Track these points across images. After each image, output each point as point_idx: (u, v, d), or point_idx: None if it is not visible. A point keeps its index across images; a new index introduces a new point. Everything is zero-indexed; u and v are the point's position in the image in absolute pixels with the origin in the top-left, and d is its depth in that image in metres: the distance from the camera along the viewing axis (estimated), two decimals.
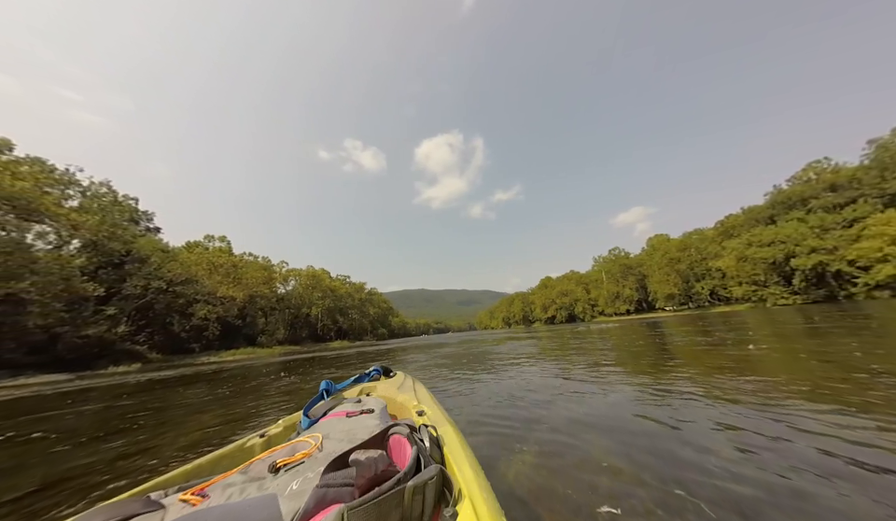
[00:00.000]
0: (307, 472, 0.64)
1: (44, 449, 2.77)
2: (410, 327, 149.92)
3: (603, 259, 73.18)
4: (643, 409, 2.38)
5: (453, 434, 0.82)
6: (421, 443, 0.68)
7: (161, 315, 32.63)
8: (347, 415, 1.01)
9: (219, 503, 0.57)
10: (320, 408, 1.19)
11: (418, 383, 1.64)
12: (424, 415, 1.07)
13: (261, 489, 0.61)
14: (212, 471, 0.88)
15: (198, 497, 0.60)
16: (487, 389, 3.56)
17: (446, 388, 3.81)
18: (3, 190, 16.80)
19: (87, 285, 21.81)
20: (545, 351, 7.13)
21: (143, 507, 0.56)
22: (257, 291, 39.73)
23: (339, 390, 1.51)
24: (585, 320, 67.01)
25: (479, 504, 0.50)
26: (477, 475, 0.60)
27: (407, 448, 0.65)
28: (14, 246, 17.14)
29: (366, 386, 1.66)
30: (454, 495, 0.55)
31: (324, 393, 1.40)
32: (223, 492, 0.61)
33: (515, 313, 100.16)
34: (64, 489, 1.86)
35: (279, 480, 0.63)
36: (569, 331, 15.87)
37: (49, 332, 22.20)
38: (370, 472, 0.54)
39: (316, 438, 0.81)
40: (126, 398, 5.86)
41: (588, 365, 4.66)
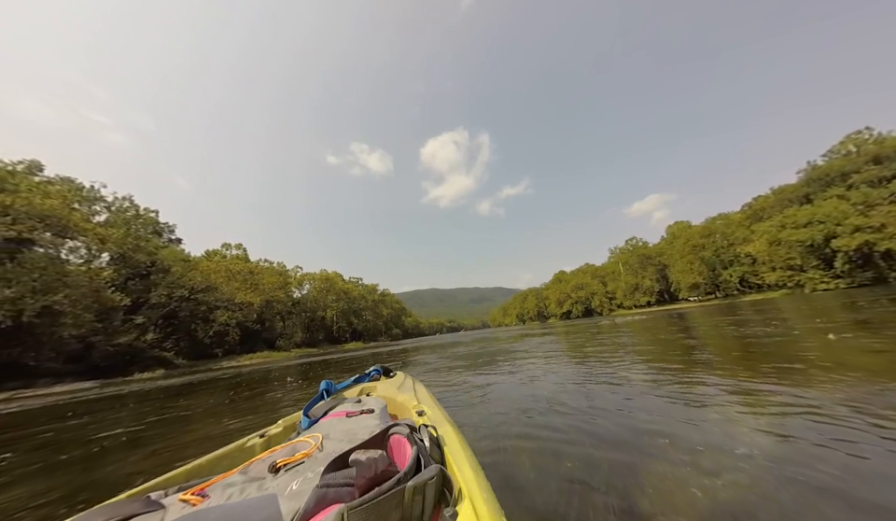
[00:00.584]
0: (307, 472, 0.64)
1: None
2: (423, 327, 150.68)
3: (619, 249, 70.52)
4: (759, 425, 1.76)
5: (453, 434, 0.81)
6: (421, 443, 0.67)
7: (185, 322, 34.06)
8: (347, 415, 1.00)
9: (219, 503, 0.57)
10: (320, 408, 1.19)
11: (418, 383, 1.62)
12: (424, 415, 1.05)
13: (261, 489, 0.61)
14: (212, 471, 0.88)
15: (198, 497, 0.60)
16: (518, 400, 3.07)
17: (462, 403, 3.11)
18: (34, 209, 17.77)
19: (115, 296, 22.88)
20: (570, 349, 6.53)
21: (143, 507, 0.56)
22: (273, 296, 40.77)
23: (339, 390, 1.51)
24: (603, 314, 64.86)
25: (479, 504, 0.50)
26: (477, 475, 0.60)
27: (407, 448, 0.65)
28: (48, 262, 18.15)
29: (366, 386, 1.66)
30: (454, 495, 0.55)
31: (324, 393, 1.39)
32: (223, 492, 0.61)
33: (529, 309, 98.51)
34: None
35: (279, 480, 0.63)
36: (590, 326, 15.00)
37: (85, 342, 23.54)
38: (370, 472, 0.55)
39: (316, 438, 0.80)
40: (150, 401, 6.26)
41: (633, 363, 4.05)
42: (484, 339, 15.19)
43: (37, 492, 2.02)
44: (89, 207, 26.54)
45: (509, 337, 14.29)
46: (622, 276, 66.44)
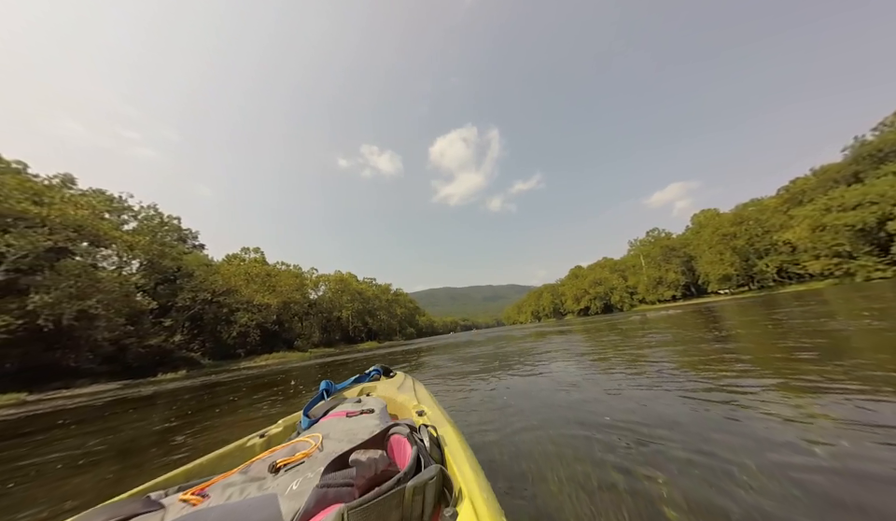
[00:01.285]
0: (307, 472, 0.64)
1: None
2: (437, 325, 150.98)
3: (640, 242, 67.32)
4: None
5: (453, 434, 0.81)
6: (421, 443, 0.67)
7: (209, 323, 35.57)
8: (347, 415, 1.00)
9: (219, 503, 0.58)
10: (320, 408, 1.19)
11: (418, 383, 1.61)
12: (424, 415, 1.05)
13: (261, 489, 0.61)
14: (212, 471, 0.88)
15: (198, 497, 0.60)
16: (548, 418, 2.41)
17: (481, 423, 2.35)
18: (67, 219, 18.87)
19: (143, 299, 24.02)
20: (608, 350, 5.75)
21: (143, 507, 0.57)
22: (290, 298, 41.83)
23: (339, 390, 1.50)
24: (624, 310, 62.09)
25: (479, 504, 0.50)
26: (477, 475, 0.59)
27: (407, 448, 0.65)
28: (82, 269, 19.21)
29: (366, 386, 1.65)
30: (454, 495, 0.54)
31: (324, 393, 1.39)
32: (223, 492, 0.61)
33: (545, 306, 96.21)
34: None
35: (279, 480, 0.63)
36: (618, 322, 13.99)
37: (118, 344, 24.95)
38: (370, 472, 0.56)
39: (316, 438, 0.81)
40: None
41: (714, 367, 3.25)
42: (500, 337, 14.55)
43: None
44: (118, 217, 28.10)
45: (526, 335, 13.58)
46: (643, 270, 63.30)
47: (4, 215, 17.34)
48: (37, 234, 18.05)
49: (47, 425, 5.51)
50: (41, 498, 2.04)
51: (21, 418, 7.19)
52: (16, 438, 4.61)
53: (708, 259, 48.87)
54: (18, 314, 17.72)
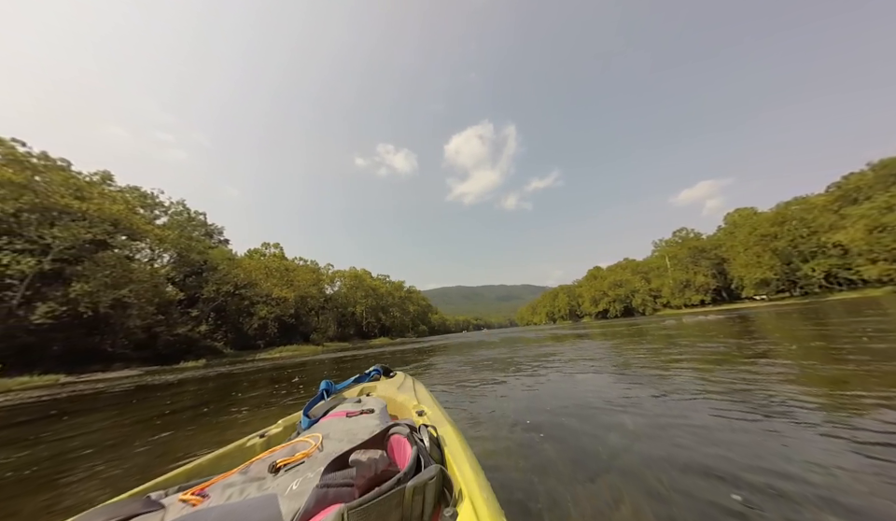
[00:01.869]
0: (307, 472, 0.64)
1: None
2: (449, 324, 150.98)
3: (666, 242, 63.61)
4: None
5: (453, 434, 0.81)
6: (421, 443, 0.67)
7: (232, 315, 37.20)
8: (347, 415, 1.00)
9: (219, 503, 0.58)
10: (320, 408, 1.19)
11: (418, 383, 1.61)
12: (424, 415, 1.05)
13: (261, 489, 0.61)
14: (212, 471, 0.88)
15: (198, 497, 0.60)
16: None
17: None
18: (104, 213, 20.11)
19: (171, 290, 25.31)
20: (642, 360, 5.04)
21: (143, 507, 0.57)
22: (306, 292, 42.96)
23: (339, 390, 1.50)
24: (646, 314, 59.00)
25: (479, 504, 0.50)
26: (477, 475, 0.60)
27: (407, 448, 0.65)
28: (117, 260, 20.45)
29: (366, 386, 1.64)
30: (454, 495, 0.55)
31: (324, 393, 1.38)
32: (223, 492, 0.61)
33: (560, 307, 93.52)
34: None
35: (279, 480, 0.63)
36: (641, 328, 13.02)
37: (150, 332, 26.61)
38: (370, 472, 0.55)
39: (316, 438, 0.81)
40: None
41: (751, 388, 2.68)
42: (516, 340, 13.91)
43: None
44: (150, 212, 29.84)
45: (544, 338, 12.88)
46: (669, 272, 59.78)
47: (50, 208, 18.72)
48: (79, 227, 19.38)
49: (79, 407, 5.72)
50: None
51: (55, 399, 7.53)
52: (46, 419, 4.78)
53: (744, 261, 45.27)
54: (62, 301, 19.15)
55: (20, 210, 17.36)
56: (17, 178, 17.11)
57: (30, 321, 18.50)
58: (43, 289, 19.45)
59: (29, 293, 18.77)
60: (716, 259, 53.16)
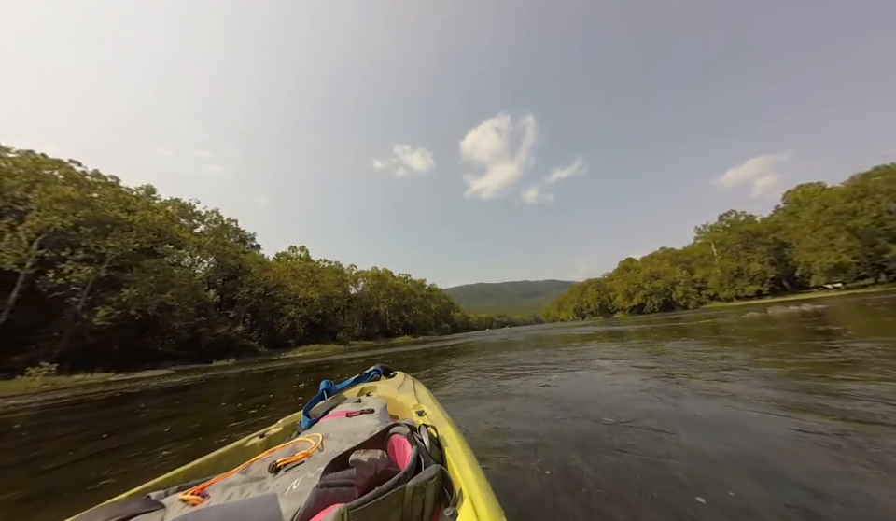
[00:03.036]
0: (307, 472, 0.64)
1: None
2: (472, 321, 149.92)
3: (710, 228, 57.34)
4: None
5: (453, 434, 0.81)
6: (421, 444, 0.67)
7: (264, 315, 39.38)
8: (347, 414, 1.01)
9: (219, 503, 0.58)
10: (320, 408, 1.20)
11: (418, 383, 1.61)
12: (424, 415, 1.05)
13: (261, 489, 0.61)
14: (212, 471, 0.89)
15: (198, 496, 0.60)
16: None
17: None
18: (147, 223, 21.79)
19: (208, 293, 27.02)
20: (684, 364, 3.95)
21: (143, 507, 0.57)
22: (331, 293, 44.30)
23: (339, 390, 1.50)
24: (689, 307, 53.58)
25: (479, 504, 0.50)
26: (477, 475, 0.60)
27: (407, 448, 0.65)
28: (160, 266, 22.09)
29: (366, 386, 1.63)
30: (454, 495, 0.55)
31: (324, 393, 1.39)
32: (223, 492, 0.61)
33: (589, 302, 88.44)
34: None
35: (279, 480, 0.64)
36: (689, 325, 11.22)
37: (194, 332, 28.77)
38: (370, 472, 0.56)
39: (317, 438, 0.81)
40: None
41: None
42: (545, 338, 12.67)
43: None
44: (189, 221, 32.24)
45: (576, 336, 11.55)
46: (715, 261, 53.76)
47: (103, 221, 20.61)
48: (128, 237, 21.18)
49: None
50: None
51: (104, 398, 7.81)
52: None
53: (811, 244, 39.12)
54: (117, 305, 21.10)
55: (78, 223, 19.23)
56: (75, 195, 18.95)
57: (92, 323, 20.61)
58: (101, 295, 21.59)
59: (90, 298, 20.88)
60: (774, 243, 46.72)
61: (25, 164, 19.15)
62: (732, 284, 50.89)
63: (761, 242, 48.09)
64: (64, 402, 7.18)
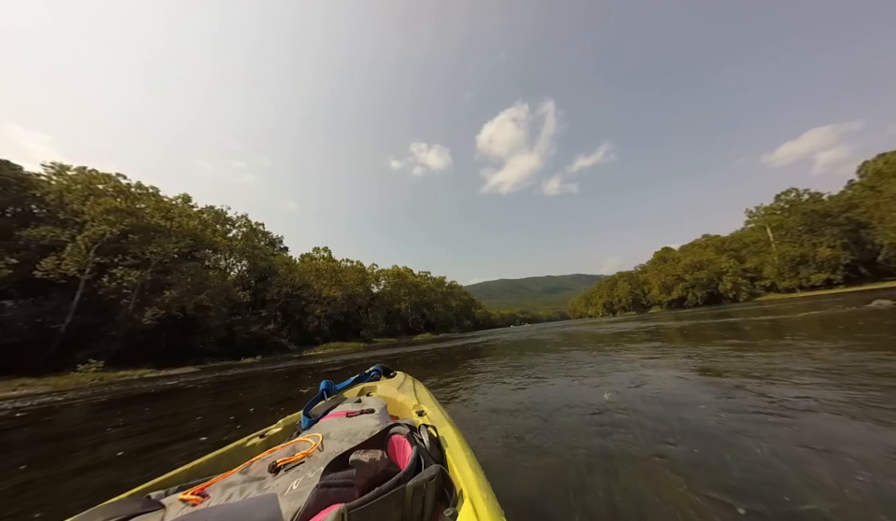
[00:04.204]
0: (307, 472, 0.65)
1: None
2: (494, 318, 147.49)
3: (765, 210, 50.74)
4: None
5: (453, 434, 0.81)
6: (421, 444, 0.67)
7: (293, 314, 41.21)
8: (347, 414, 1.01)
9: (219, 503, 0.58)
10: (320, 408, 1.20)
11: (418, 383, 1.61)
12: (424, 416, 1.06)
13: (261, 489, 0.62)
14: (212, 471, 0.89)
15: (198, 496, 0.60)
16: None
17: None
18: (183, 229, 23.25)
19: (241, 293, 28.47)
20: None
21: (143, 507, 0.58)
22: (354, 291, 45.27)
23: (339, 390, 1.50)
24: (740, 300, 47.95)
25: (479, 504, 0.50)
26: (477, 475, 0.60)
27: (407, 448, 0.65)
28: (195, 270, 23.52)
29: (366, 386, 1.64)
30: (454, 495, 0.55)
31: (324, 393, 1.39)
32: (223, 492, 0.62)
33: (621, 297, 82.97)
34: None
35: (279, 480, 0.64)
36: (778, 321, 9.38)
37: (230, 331, 30.68)
38: (370, 472, 0.56)
39: (317, 438, 0.81)
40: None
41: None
42: (576, 336, 11.38)
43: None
44: (223, 226, 34.31)
45: (609, 335, 10.17)
46: (772, 246, 47.56)
47: (147, 229, 22.29)
48: (168, 242, 22.77)
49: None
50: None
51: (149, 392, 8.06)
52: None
53: None
54: (161, 306, 22.84)
55: (125, 231, 20.92)
56: (122, 205, 20.62)
57: (141, 323, 22.51)
58: (148, 296, 23.51)
59: (138, 300, 22.81)
60: (848, 224, 40.22)
61: (81, 180, 21.15)
62: (793, 272, 44.70)
63: (830, 223, 41.62)
64: (100, 399, 7.41)
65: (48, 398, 8.54)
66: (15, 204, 20.85)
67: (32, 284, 19.59)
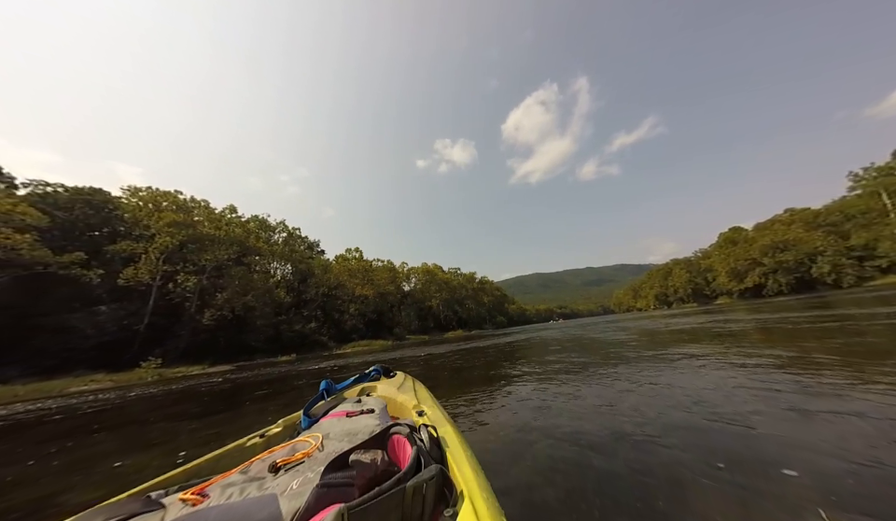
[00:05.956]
0: (307, 472, 0.65)
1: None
2: (529, 314, 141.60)
3: (877, 171, 40.31)
4: None
5: (453, 434, 0.82)
6: (421, 444, 0.67)
7: (331, 313, 43.47)
8: (347, 414, 1.02)
9: (219, 503, 0.58)
10: (320, 408, 1.20)
11: (418, 383, 1.62)
12: (424, 416, 1.06)
13: (261, 489, 0.62)
14: (212, 471, 0.90)
15: (198, 496, 0.61)
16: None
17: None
18: (229, 236, 25.33)
19: (280, 293, 30.44)
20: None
21: (143, 507, 0.58)
22: (385, 290, 46.20)
23: (339, 390, 1.51)
24: (844, 286, 38.72)
25: (479, 504, 0.50)
26: (477, 475, 0.60)
27: (407, 448, 0.66)
28: (242, 273, 25.53)
29: (366, 386, 1.65)
30: (454, 495, 0.55)
31: (324, 393, 1.39)
32: (223, 492, 0.62)
33: (677, 287, 73.32)
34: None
35: (279, 480, 0.64)
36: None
37: (277, 329, 33.23)
38: (370, 472, 0.57)
39: (317, 438, 0.82)
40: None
41: None
42: (648, 335, 9.26)
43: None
44: (265, 233, 37.25)
45: (686, 336, 7.99)
46: (891, 217, 37.57)
47: (202, 238, 24.76)
48: (220, 250, 25.07)
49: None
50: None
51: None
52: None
53: None
54: (216, 307, 25.35)
55: (183, 242, 23.42)
56: (179, 218, 23.10)
57: (202, 323, 25.24)
58: (207, 299, 26.28)
59: (199, 303, 25.58)
60: None
61: (148, 198, 24.18)
62: None
63: None
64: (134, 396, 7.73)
65: (114, 394, 9.27)
66: (104, 224, 24.69)
67: (117, 290, 22.98)
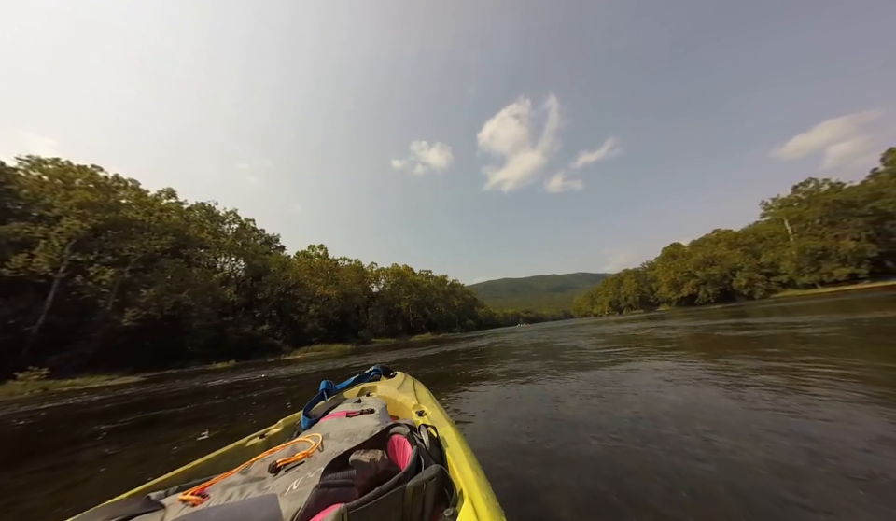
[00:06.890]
0: (307, 472, 0.65)
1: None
2: (497, 318, 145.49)
3: (782, 202, 48.13)
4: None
5: (453, 434, 0.82)
6: (421, 444, 0.67)
7: (288, 314, 39.93)
8: (347, 415, 1.02)
9: (219, 503, 0.58)
10: (320, 408, 1.20)
11: (418, 383, 1.62)
12: (424, 416, 1.06)
13: (261, 489, 0.62)
14: (212, 471, 0.90)
15: (198, 497, 0.60)
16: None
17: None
18: (162, 224, 21.93)
19: (227, 292, 27.09)
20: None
21: (143, 507, 0.58)
22: (351, 290, 43.84)
23: (339, 390, 1.50)
24: (756, 297, 45.51)
25: (479, 504, 0.50)
26: (477, 475, 0.60)
27: (407, 448, 0.66)
28: (176, 266, 22.17)
29: (366, 386, 1.65)
30: (454, 495, 0.55)
31: (324, 393, 1.39)
32: (223, 492, 0.62)
33: (628, 295, 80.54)
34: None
35: (279, 480, 0.64)
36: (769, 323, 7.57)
37: (221, 332, 29.36)
38: (370, 472, 0.57)
39: (317, 438, 0.82)
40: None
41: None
42: (596, 335, 9.62)
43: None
44: (213, 224, 33.06)
45: (635, 338, 8.45)
46: (790, 240, 44.98)
47: (125, 224, 21.04)
48: (149, 239, 21.49)
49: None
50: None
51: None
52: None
53: None
54: (142, 306, 21.62)
55: (98, 227, 19.65)
56: (94, 199, 19.35)
57: (121, 324, 21.31)
58: (129, 296, 22.31)
59: (118, 300, 21.61)
60: (873, 215, 37.61)
61: (55, 173, 19.97)
62: (814, 267, 42.10)
63: (854, 213, 38.99)
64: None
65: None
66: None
67: (5, 283, 18.48)
